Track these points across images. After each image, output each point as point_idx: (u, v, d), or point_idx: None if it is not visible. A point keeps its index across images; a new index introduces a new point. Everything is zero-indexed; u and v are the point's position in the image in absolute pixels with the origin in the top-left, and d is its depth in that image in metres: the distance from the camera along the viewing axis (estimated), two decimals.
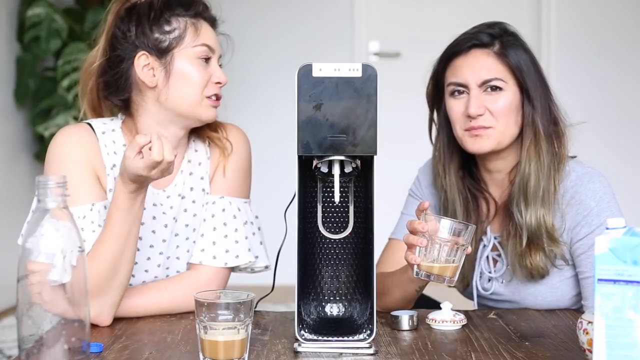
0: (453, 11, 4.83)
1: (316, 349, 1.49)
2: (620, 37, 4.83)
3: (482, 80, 1.80)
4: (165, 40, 1.74)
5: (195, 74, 1.75)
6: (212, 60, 1.79)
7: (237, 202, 1.81)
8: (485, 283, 1.89)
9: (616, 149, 4.78)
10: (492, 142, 1.81)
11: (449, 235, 1.58)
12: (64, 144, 1.73)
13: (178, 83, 1.74)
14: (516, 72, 1.81)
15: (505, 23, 1.88)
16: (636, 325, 1.17)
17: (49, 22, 4.18)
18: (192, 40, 1.75)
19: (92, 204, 1.69)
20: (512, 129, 1.82)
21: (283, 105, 4.48)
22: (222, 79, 1.79)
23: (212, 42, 1.79)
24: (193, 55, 1.75)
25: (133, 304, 1.70)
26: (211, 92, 1.77)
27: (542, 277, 1.81)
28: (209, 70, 1.77)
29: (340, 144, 1.46)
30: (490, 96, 1.80)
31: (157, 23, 1.74)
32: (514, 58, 1.81)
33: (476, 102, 1.80)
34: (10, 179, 4.29)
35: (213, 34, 1.81)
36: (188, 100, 1.74)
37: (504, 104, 1.80)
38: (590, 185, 1.79)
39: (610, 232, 1.21)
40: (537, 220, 1.79)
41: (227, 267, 1.79)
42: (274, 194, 2.75)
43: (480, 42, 1.82)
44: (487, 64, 1.81)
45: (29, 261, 1.24)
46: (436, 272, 1.58)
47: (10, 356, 3.41)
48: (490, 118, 1.80)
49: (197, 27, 1.77)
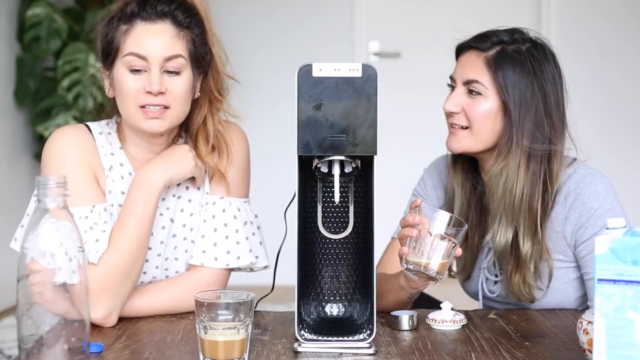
0: (453, 11, 4.83)
1: (316, 349, 1.49)
2: (621, 36, 4.83)
3: (465, 78, 1.81)
4: (110, 51, 1.69)
5: (123, 84, 1.67)
6: (150, 69, 1.65)
7: (237, 202, 1.81)
8: (492, 286, 1.89)
9: (616, 148, 4.78)
10: (464, 144, 1.81)
11: (441, 229, 1.57)
12: (61, 145, 1.72)
13: (117, 94, 1.71)
14: (500, 85, 1.78)
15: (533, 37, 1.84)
16: (636, 325, 1.17)
17: (49, 22, 4.18)
18: (123, 48, 1.67)
19: (92, 205, 1.69)
20: (490, 135, 1.80)
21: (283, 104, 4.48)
22: (151, 87, 1.64)
23: (141, 48, 1.65)
24: (124, 66, 1.67)
25: (134, 304, 1.70)
26: (142, 102, 1.66)
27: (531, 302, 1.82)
28: (142, 78, 1.66)
29: (340, 144, 1.46)
30: (470, 99, 1.81)
31: (106, 35, 1.70)
32: (501, 71, 1.78)
33: (453, 99, 1.82)
34: (10, 179, 4.29)
35: (153, 33, 1.66)
36: (125, 112, 1.70)
37: (480, 109, 1.79)
38: (592, 187, 1.78)
39: (611, 232, 1.21)
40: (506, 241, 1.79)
41: (228, 269, 1.79)
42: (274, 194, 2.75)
43: (477, 45, 1.82)
44: (475, 65, 1.81)
45: (32, 261, 1.24)
46: (423, 266, 1.57)
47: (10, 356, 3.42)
48: (464, 119, 1.81)
49: (127, 33, 1.67)
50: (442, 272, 1.58)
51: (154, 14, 1.67)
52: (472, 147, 1.82)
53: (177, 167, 1.71)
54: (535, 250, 1.78)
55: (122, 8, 1.70)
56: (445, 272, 1.60)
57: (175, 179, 1.72)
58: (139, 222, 1.67)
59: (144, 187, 1.68)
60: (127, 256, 1.65)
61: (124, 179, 1.74)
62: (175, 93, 1.67)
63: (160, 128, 1.68)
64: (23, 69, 4.29)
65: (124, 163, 1.75)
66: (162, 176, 1.69)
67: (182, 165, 1.72)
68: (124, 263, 1.65)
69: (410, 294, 1.73)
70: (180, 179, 1.73)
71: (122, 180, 1.74)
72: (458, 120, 1.82)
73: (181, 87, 1.68)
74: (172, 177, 1.71)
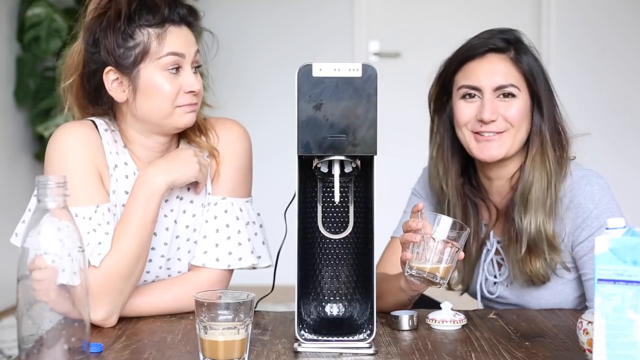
0: (453, 11, 4.83)
1: (316, 349, 1.49)
2: (621, 36, 4.83)
3: (497, 85, 1.79)
4: (130, 55, 1.68)
5: (163, 87, 1.68)
6: (184, 67, 1.70)
7: (239, 202, 1.81)
8: (491, 287, 1.89)
9: (616, 148, 4.78)
10: (502, 150, 1.79)
11: (444, 234, 1.57)
12: (67, 141, 1.70)
13: (147, 97, 1.69)
14: (529, 80, 1.80)
15: (516, 30, 1.86)
16: (636, 325, 1.17)
17: (49, 22, 4.19)
18: (157, 51, 1.68)
19: (96, 205, 1.68)
20: (523, 135, 1.81)
21: (283, 104, 4.48)
22: (194, 87, 1.70)
23: (180, 47, 1.69)
24: (160, 67, 1.68)
25: (136, 303, 1.71)
26: (183, 102, 1.70)
27: (543, 283, 1.81)
28: (179, 80, 1.69)
29: (340, 144, 1.46)
30: (503, 102, 1.79)
31: (121, 38, 1.68)
32: (527, 65, 1.80)
33: (491, 107, 1.78)
34: (10, 179, 4.29)
35: (183, 36, 1.71)
36: (158, 113, 1.70)
37: (517, 110, 1.79)
38: (588, 188, 1.78)
39: (610, 232, 1.21)
40: (537, 227, 1.78)
41: (229, 269, 1.79)
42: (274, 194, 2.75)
43: (497, 47, 1.81)
44: (503, 69, 1.80)
45: (36, 256, 1.24)
46: (427, 271, 1.57)
47: (10, 356, 3.42)
48: (503, 124, 1.79)
49: (162, 36, 1.68)
50: (446, 277, 1.58)
51: (178, 18, 1.71)
52: (511, 149, 1.81)
53: (181, 171, 1.71)
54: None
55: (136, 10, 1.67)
56: (449, 276, 1.60)
57: (178, 182, 1.71)
58: (141, 225, 1.66)
59: (146, 189, 1.68)
60: (128, 258, 1.65)
61: (128, 179, 1.74)
62: (201, 89, 1.75)
63: (192, 122, 1.74)
64: (23, 69, 4.29)
65: (128, 162, 1.75)
66: (165, 178, 1.69)
67: (186, 168, 1.71)
68: (125, 265, 1.65)
69: (410, 296, 1.73)
70: (183, 182, 1.73)
71: (127, 179, 1.74)
72: (496, 127, 1.79)
73: (201, 83, 1.75)
74: (175, 180, 1.70)
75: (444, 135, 1.89)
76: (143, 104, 1.70)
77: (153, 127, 1.73)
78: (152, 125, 1.72)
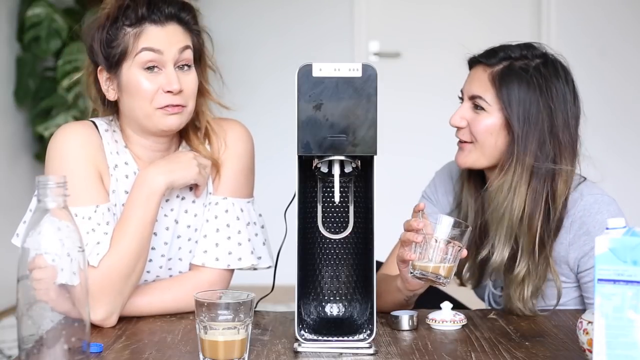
0: (453, 11, 4.82)
1: (316, 349, 1.49)
2: (621, 36, 4.83)
3: (470, 93, 1.81)
4: (115, 55, 1.69)
5: (141, 86, 1.68)
6: (166, 66, 1.68)
7: (240, 202, 1.80)
8: (498, 298, 1.89)
9: (616, 148, 4.77)
10: (469, 159, 1.81)
11: (446, 233, 1.58)
12: (67, 142, 1.71)
13: (129, 96, 1.70)
14: (503, 101, 1.77)
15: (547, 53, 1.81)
16: (636, 325, 1.17)
17: (49, 22, 4.18)
18: (133, 49, 1.68)
19: (96, 205, 1.68)
20: (494, 150, 1.79)
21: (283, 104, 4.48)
22: (172, 86, 1.67)
23: (157, 44, 1.68)
24: (138, 65, 1.68)
25: (136, 303, 1.71)
26: (161, 103, 1.68)
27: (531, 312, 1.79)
28: (159, 79, 1.68)
29: (340, 144, 1.46)
30: (475, 113, 1.80)
31: (106, 39, 1.71)
32: (506, 88, 1.76)
33: (459, 113, 1.82)
34: (10, 179, 4.29)
35: (164, 33, 1.69)
36: (139, 113, 1.70)
37: (483, 125, 1.79)
38: (598, 217, 1.75)
39: (610, 232, 1.21)
40: (502, 259, 1.76)
41: (229, 269, 1.79)
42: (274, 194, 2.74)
43: (485, 60, 1.81)
44: (481, 81, 1.80)
45: (37, 255, 1.24)
46: (430, 271, 1.58)
47: (10, 356, 3.41)
48: (468, 135, 1.81)
49: (138, 34, 1.68)
50: (449, 276, 1.59)
51: (162, 16, 1.70)
52: (477, 162, 1.81)
53: (180, 172, 1.71)
54: (534, 271, 1.75)
55: (122, 11, 1.70)
56: (452, 275, 1.60)
57: (177, 184, 1.71)
58: (140, 225, 1.66)
59: (145, 189, 1.68)
60: (127, 258, 1.65)
61: (129, 178, 1.74)
62: (189, 90, 1.71)
63: (178, 126, 1.71)
64: (23, 69, 4.29)
65: (128, 162, 1.75)
66: (165, 178, 1.69)
67: (186, 170, 1.71)
68: (124, 265, 1.65)
69: (406, 297, 1.72)
70: (183, 184, 1.72)
71: (127, 179, 1.74)
72: (462, 135, 1.81)
73: (193, 83, 1.72)
74: (175, 181, 1.70)
75: None
76: (127, 103, 1.72)
77: (143, 127, 1.73)
78: (141, 125, 1.73)
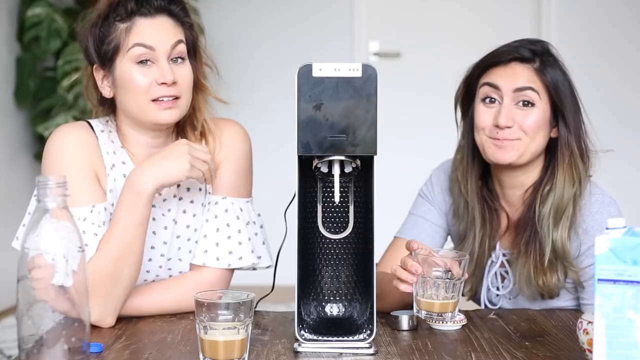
0: (453, 11, 4.82)
1: (316, 349, 1.49)
2: (621, 36, 4.83)
3: (516, 86, 1.79)
4: (108, 51, 1.70)
5: (135, 80, 1.68)
6: (159, 59, 1.68)
7: (239, 202, 1.80)
8: (493, 298, 1.89)
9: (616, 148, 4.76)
10: (514, 154, 1.79)
11: (443, 272, 1.58)
12: (63, 143, 1.71)
13: (124, 91, 1.70)
14: (552, 91, 1.80)
15: (547, 43, 1.86)
16: (636, 325, 1.17)
17: (49, 22, 4.19)
18: (125, 44, 1.69)
19: (92, 205, 1.68)
20: (538, 146, 1.81)
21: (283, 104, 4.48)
22: (165, 77, 1.67)
23: (148, 38, 1.68)
24: (130, 60, 1.68)
25: (137, 303, 1.70)
26: (156, 95, 1.68)
27: (551, 297, 1.81)
28: (152, 72, 1.68)
29: (340, 144, 1.46)
30: (521, 111, 1.79)
31: (99, 36, 1.71)
32: (552, 77, 1.80)
33: (507, 113, 1.78)
34: (10, 179, 4.29)
35: (155, 27, 1.70)
36: (135, 107, 1.70)
37: (534, 120, 1.79)
38: (597, 217, 1.77)
39: (610, 232, 1.21)
40: (562, 241, 1.78)
41: (230, 269, 1.79)
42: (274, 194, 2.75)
43: (522, 56, 1.80)
44: (525, 76, 1.80)
45: (37, 255, 1.24)
46: (437, 310, 1.59)
47: (10, 356, 3.42)
48: (518, 131, 1.79)
49: (129, 29, 1.69)
50: (455, 309, 1.60)
51: (152, 9, 1.70)
52: (521, 158, 1.80)
53: (170, 171, 1.66)
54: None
55: (112, 8, 1.71)
56: (458, 306, 1.61)
57: (168, 183, 1.67)
58: (127, 227, 1.64)
59: (132, 191, 1.65)
60: (113, 262, 1.63)
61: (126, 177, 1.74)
62: (183, 82, 1.71)
63: (174, 118, 1.71)
64: (23, 69, 4.29)
65: (126, 161, 1.75)
66: (153, 180, 1.64)
67: (176, 169, 1.66)
68: (110, 268, 1.62)
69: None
70: (173, 182, 1.69)
71: (124, 178, 1.73)
72: (510, 134, 1.78)
73: (187, 76, 1.72)
74: (164, 182, 1.66)
75: (466, 138, 1.90)
76: (122, 99, 1.72)
77: (139, 122, 1.73)
78: (137, 120, 1.73)
